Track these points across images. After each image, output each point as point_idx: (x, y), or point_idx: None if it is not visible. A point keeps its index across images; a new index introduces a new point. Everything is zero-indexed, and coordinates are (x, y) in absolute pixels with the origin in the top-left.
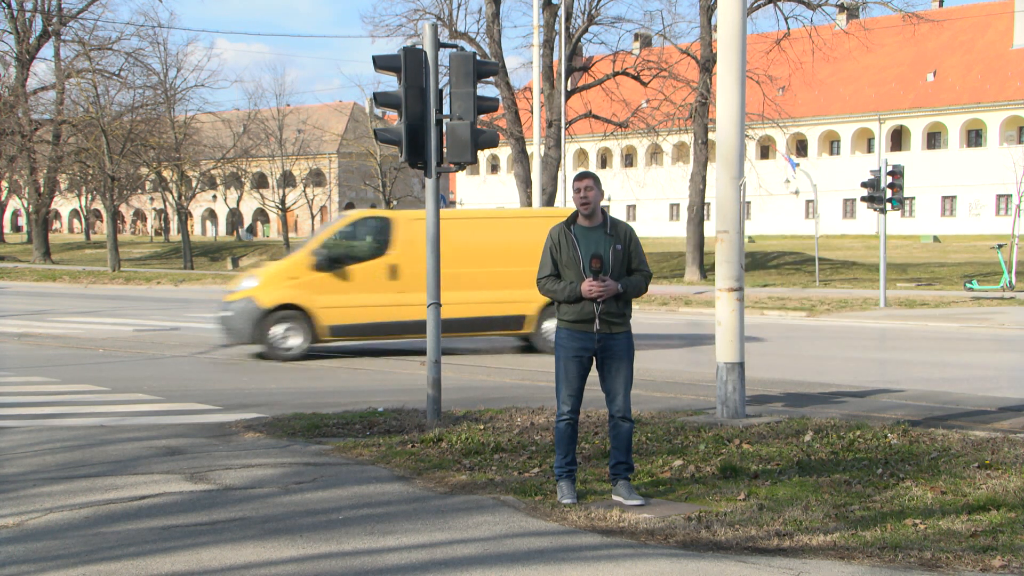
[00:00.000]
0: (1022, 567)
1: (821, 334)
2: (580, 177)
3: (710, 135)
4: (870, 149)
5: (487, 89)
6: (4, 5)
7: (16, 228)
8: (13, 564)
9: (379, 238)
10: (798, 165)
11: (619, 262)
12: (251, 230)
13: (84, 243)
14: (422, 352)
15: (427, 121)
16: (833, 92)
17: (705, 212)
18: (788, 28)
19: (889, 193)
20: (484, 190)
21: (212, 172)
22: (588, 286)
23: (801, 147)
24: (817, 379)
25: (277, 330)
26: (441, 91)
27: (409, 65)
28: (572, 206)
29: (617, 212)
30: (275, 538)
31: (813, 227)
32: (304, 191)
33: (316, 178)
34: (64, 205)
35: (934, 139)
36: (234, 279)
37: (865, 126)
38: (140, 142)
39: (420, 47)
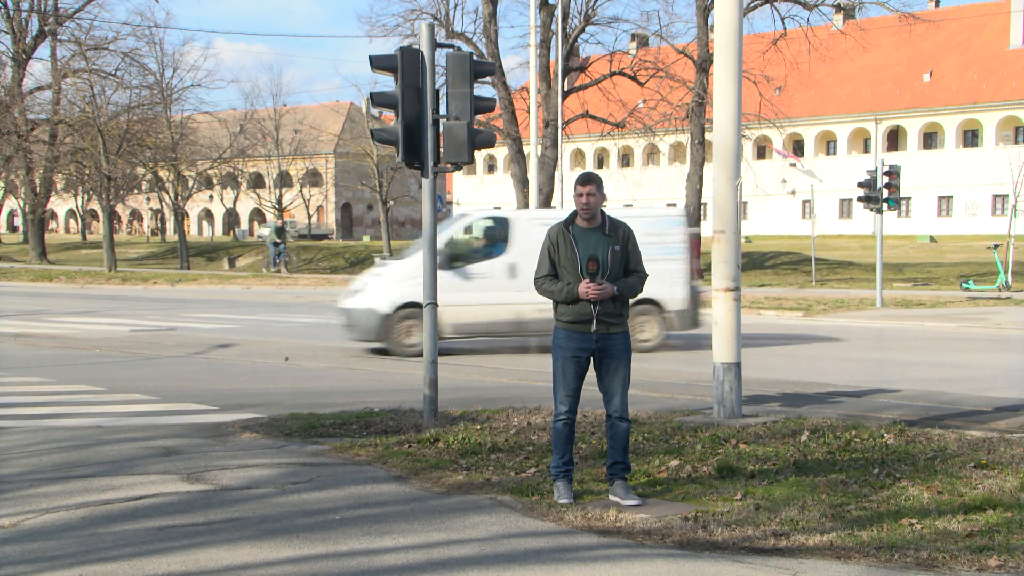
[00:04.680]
0: (1018, 567)
1: (818, 334)
2: (584, 181)
3: (707, 135)
4: (866, 149)
5: (484, 89)
6: (0, 5)
7: (12, 228)
8: (9, 565)
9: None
10: (794, 164)
11: (617, 263)
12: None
13: (80, 243)
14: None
15: (424, 121)
16: (830, 92)
17: (702, 212)
18: (785, 28)
19: (885, 193)
20: (481, 190)
21: (208, 172)
22: (585, 288)
23: (798, 147)
24: (814, 379)
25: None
26: (438, 91)
27: (406, 65)
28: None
29: (614, 212)
30: (272, 538)
31: (810, 227)
32: (300, 191)
33: (313, 178)
34: (60, 205)
35: (930, 139)
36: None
37: (861, 126)
38: (136, 142)
39: (417, 47)
